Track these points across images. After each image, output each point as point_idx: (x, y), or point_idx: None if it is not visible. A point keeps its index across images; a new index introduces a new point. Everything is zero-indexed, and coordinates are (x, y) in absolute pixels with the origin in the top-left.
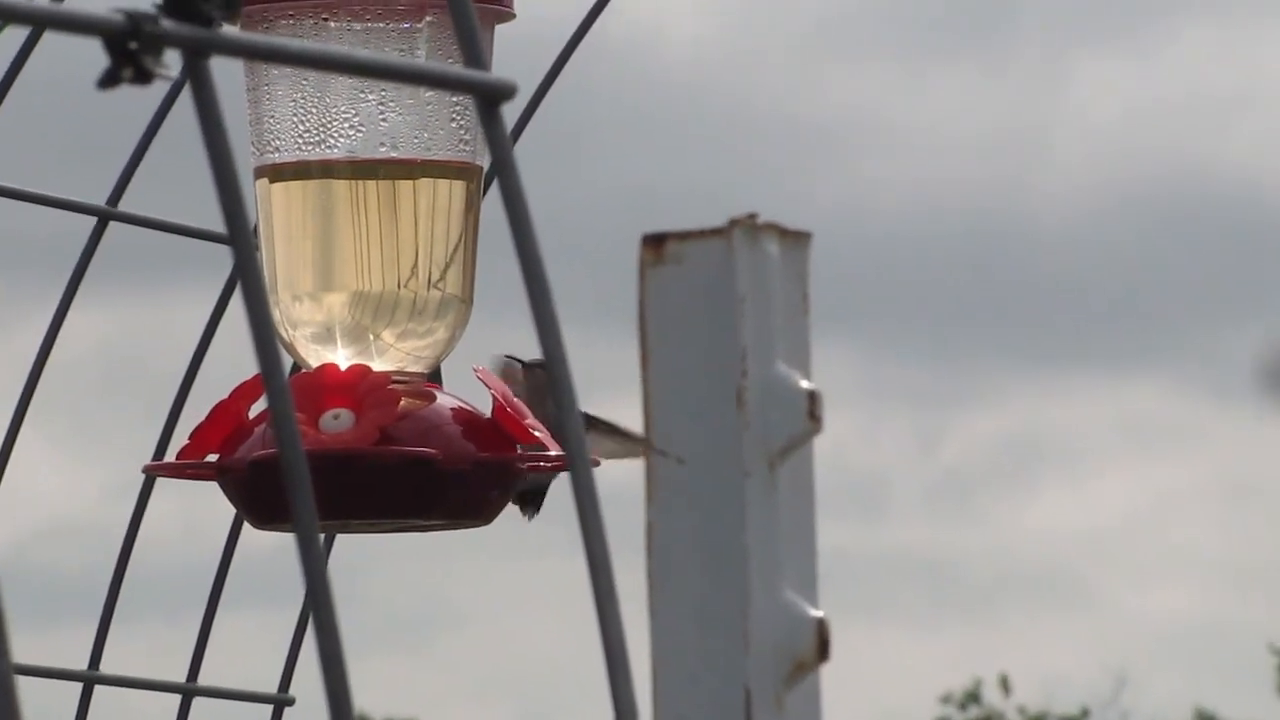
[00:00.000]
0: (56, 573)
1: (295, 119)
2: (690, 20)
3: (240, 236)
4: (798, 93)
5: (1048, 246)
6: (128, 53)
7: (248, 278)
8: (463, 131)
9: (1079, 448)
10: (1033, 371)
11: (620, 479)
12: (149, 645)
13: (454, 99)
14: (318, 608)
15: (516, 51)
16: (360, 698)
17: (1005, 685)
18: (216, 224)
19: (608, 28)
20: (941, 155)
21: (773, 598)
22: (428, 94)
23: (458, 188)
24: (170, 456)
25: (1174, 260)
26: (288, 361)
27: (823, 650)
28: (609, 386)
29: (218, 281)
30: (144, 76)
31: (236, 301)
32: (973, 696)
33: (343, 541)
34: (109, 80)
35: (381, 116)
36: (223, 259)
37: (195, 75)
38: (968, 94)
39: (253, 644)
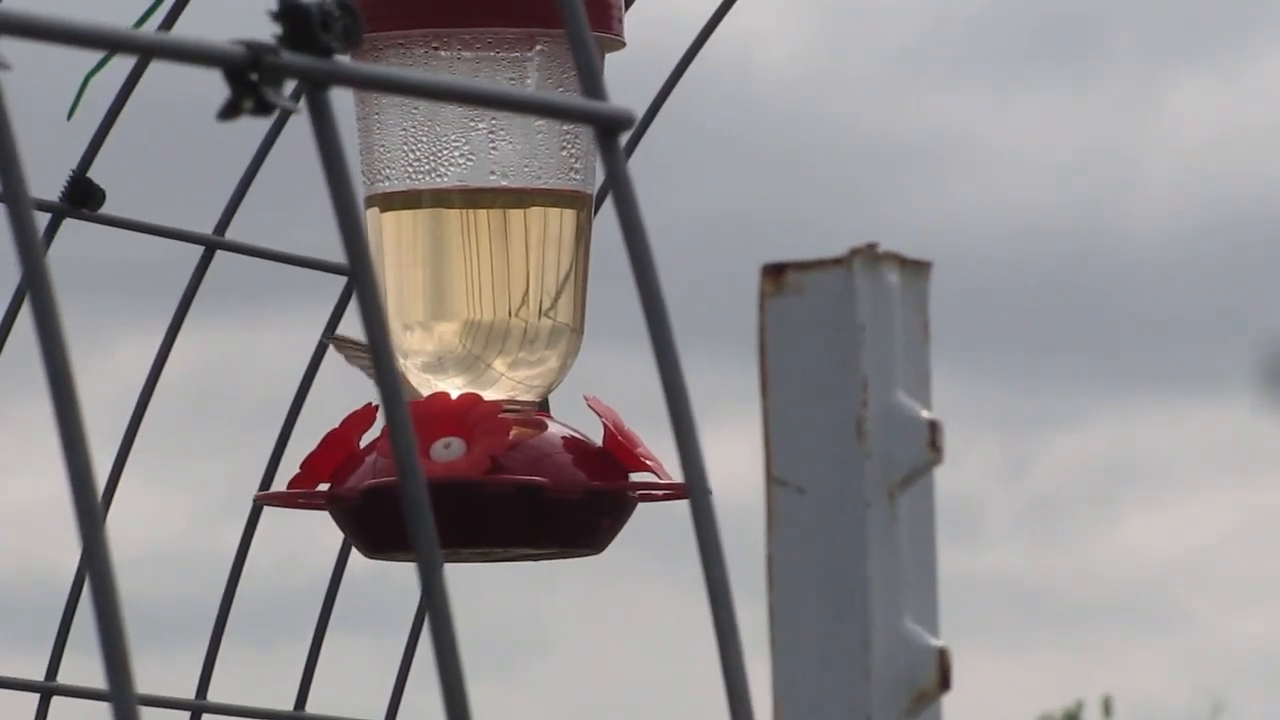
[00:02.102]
0: (147, 601)
1: (405, 148)
2: (778, 44)
3: (361, 267)
4: (886, 115)
5: (1137, 269)
6: (248, 84)
7: (369, 308)
8: (573, 160)
9: (1171, 470)
10: (1123, 394)
11: (737, 508)
12: (240, 673)
13: (564, 127)
14: (440, 639)
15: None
16: None
17: (1107, 707)
18: (318, 252)
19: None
20: (1031, 177)
21: (894, 628)
22: (537, 122)
23: (568, 216)
24: (279, 485)
25: (1264, 282)
26: None
27: (944, 680)
28: (724, 415)
29: (311, 311)
30: (264, 107)
31: (311, 331)
32: (1072, 717)
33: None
34: (230, 111)
35: (492, 145)
36: (318, 288)
37: (315, 106)
38: (1057, 116)
39: (352, 672)
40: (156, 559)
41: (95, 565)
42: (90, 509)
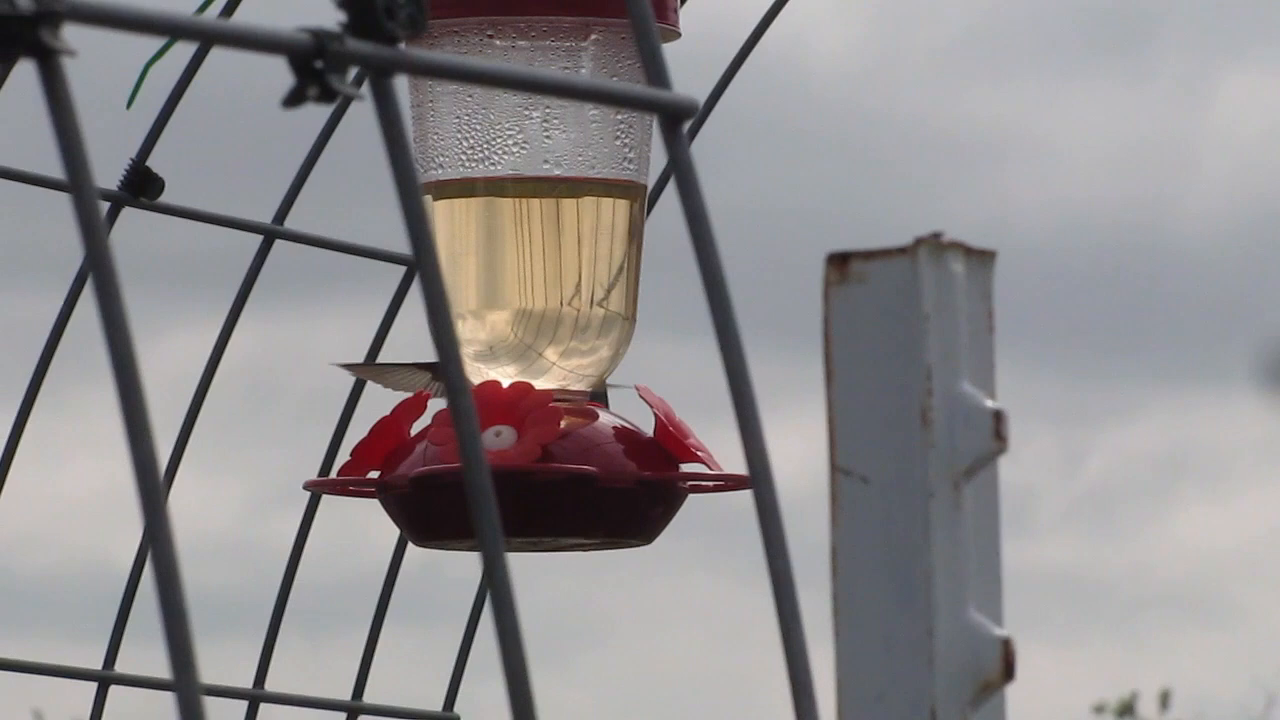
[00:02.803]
0: (199, 589)
1: (459, 136)
2: (831, 35)
3: (425, 255)
4: (940, 107)
5: (1192, 262)
6: (313, 71)
7: (433, 297)
8: (626, 150)
9: (1226, 464)
10: (1178, 387)
11: (796, 497)
12: (293, 662)
13: (618, 117)
14: (503, 627)
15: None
16: (492, 713)
17: (1165, 700)
18: (369, 240)
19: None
20: (1085, 170)
21: (958, 618)
22: (591, 112)
23: (621, 206)
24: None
25: None
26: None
27: (1008, 670)
28: (780, 405)
29: (366, 300)
30: (329, 95)
31: (366, 319)
32: (1128, 707)
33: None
34: (294, 99)
35: (546, 134)
36: (371, 277)
37: (380, 94)
38: (1112, 108)
39: (405, 661)
40: (208, 547)
41: (159, 555)
42: (154, 498)
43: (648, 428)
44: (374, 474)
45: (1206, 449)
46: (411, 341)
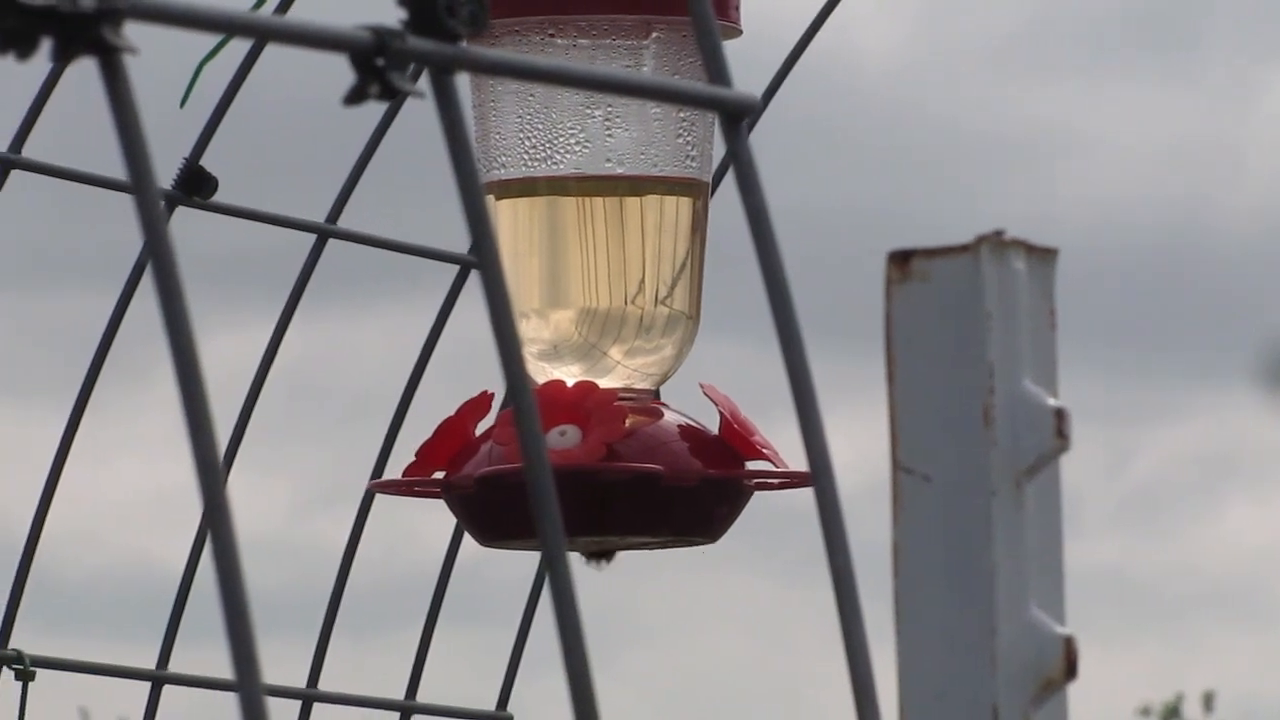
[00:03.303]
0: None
1: (521, 135)
2: (879, 33)
3: (488, 255)
4: (986, 106)
5: (1238, 260)
6: (374, 69)
7: (496, 297)
8: (689, 147)
9: (1271, 463)
10: (1224, 385)
11: (855, 495)
12: (344, 662)
13: (680, 115)
14: (565, 626)
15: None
16: (545, 711)
17: (1209, 702)
18: (426, 240)
19: (795, 39)
20: (1131, 169)
21: (1020, 616)
22: (654, 110)
23: (684, 203)
24: (389, 474)
25: None
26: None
27: (1070, 668)
28: (837, 402)
29: (414, 300)
30: (390, 93)
31: (419, 318)
32: (1173, 711)
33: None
34: (355, 96)
35: (608, 133)
36: (422, 276)
37: (441, 92)
38: (1157, 107)
39: (458, 660)
40: (257, 547)
41: (222, 555)
42: (217, 497)
43: (713, 426)
44: (439, 474)
45: (1253, 448)
46: (468, 340)
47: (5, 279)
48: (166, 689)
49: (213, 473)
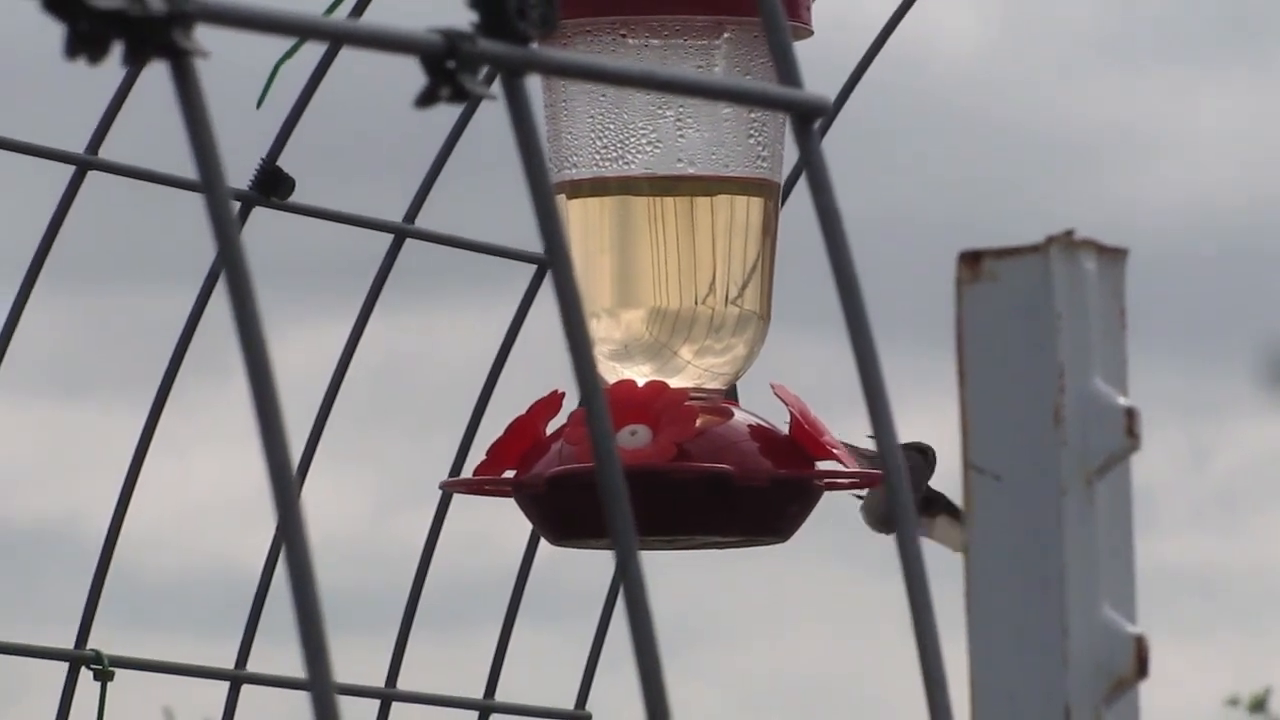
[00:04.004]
0: (328, 589)
1: (593, 135)
2: (954, 34)
3: (558, 255)
4: (1061, 107)
5: None
6: (445, 72)
7: (567, 297)
8: (760, 148)
9: None
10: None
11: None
12: (420, 661)
13: (751, 115)
14: (637, 626)
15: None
16: (623, 710)
17: None
18: (504, 239)
19: (871, 41)
20: (1208, 169)
21: (1091, 615)
22: (725, 110)
23: (755, 204)
24: (465, 473)
25: None
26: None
27: (1142, 667)
28: (908, 401)
29: (492, 299)
30: (461, 95)
31: (494, 317)
32: (1259, 703)
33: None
34: (427, 99)
35: (679, 133)
36: (500, 276)
37: (512, 94)
38: (1234, 107)
39: (537, 659)
40: (335, 546)
41: (294, 556)
42: (289, 500)
43: (783, 425)
44: (509, 473)
45: None
46: (542, 340)
47: (83, 279)
48: (245, 688)
49: (285, 475)
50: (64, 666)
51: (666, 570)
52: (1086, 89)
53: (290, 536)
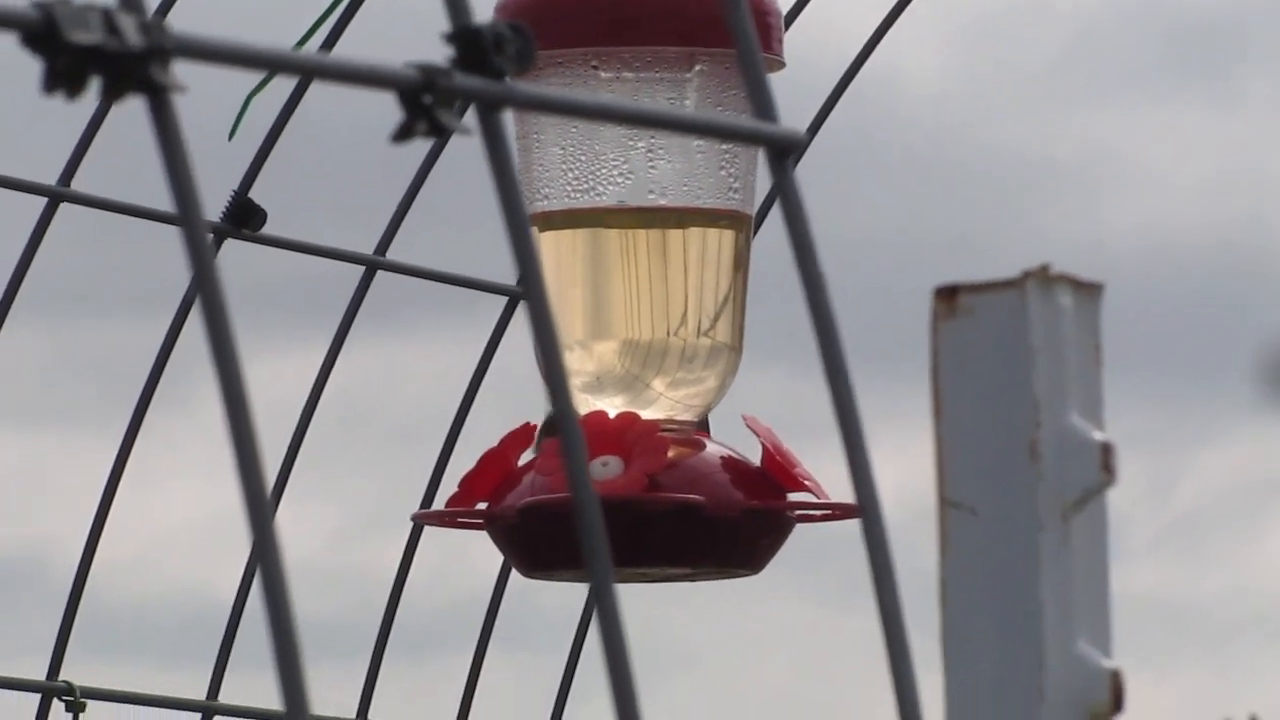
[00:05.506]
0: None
1: (564, 167)
2: (924, 60)
3: (534, 288)
4: (1033, 132)
5: None
6: (422, 106)
7: (543, 329)
8: (732, 180)
9: None
10: (1267, 412)
11: (898, 526)
12: (396, 689)
13: (723, 147)
14: (612, 658)
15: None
16: None
17: None
18: (474, 271)
19: (844, 68)
20: (1176, 195)
21: (1067, 649)
22: (696, 143)
23: (727, 236)
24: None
25: None
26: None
27: (1117, 702)
28: (882, 430)
29: (460, 329)
30: (438, 130)
31: (464, 349)
32: None
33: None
34: (404, 134)
35: (650, 164)
36: (468, 307)
37: (489, 129)
38: (1202, 131)
39: (508, 688)
40: (305, 574)
41: (270, 586)
42: (265, 528)
43: (755, 457)
44: (482, 505)
45: None
46: (513, 371)
47: (53, 309)
48: (217, 719)
49: (260, 504)
50: (36, 698)
51: (627, 598)
52: (1054, 113)
53: (267, 566)
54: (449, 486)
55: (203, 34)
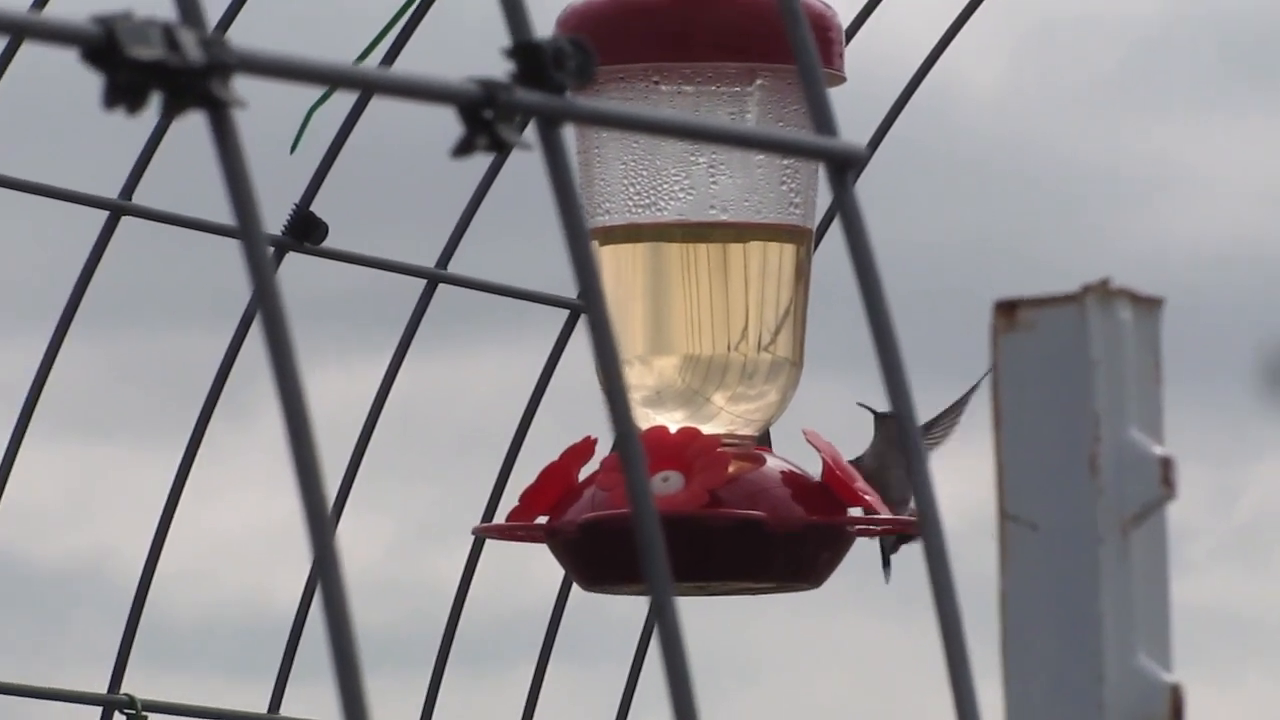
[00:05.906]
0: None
1: (625, 182)
2: (986, 72)
3: (595, 303)
4: (1095, 143)
5: None
6: (482, 121)
7: (603, 344)
8: (793, 195)
9: None
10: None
11: (955, 536)
12: (457, 700)
13: (784, 162)
14: (673, 673)
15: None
16: None
17: None
18: (535, 284)
19: (904, 80)
20: (1241, 204)
21: (1127, 663)
22: (758, 157)
23: (788, 250)
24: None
25: None
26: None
27: (1177, 715)
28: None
29: (521, 342)
30: (498, 145)
31: (525, 362)
32: None
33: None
34: (464, 149)
35: (711, 180)
36: (529, 321)
37: (549, 143)
38: (1268, 140)
39: (570, 700)
40: (368, 585)
41: (331, 603)
42: (325, 541)
43: (815, 472)
44: (542, 519)
45: None
46: (574, 385)
47: (114, 322)
48: None
49: (321, 517)
50: (97, 711)
51: (689, 612)
52: (1115, 123)
53: (327, 580)
54: (510, 499)
55: (263, 49)
